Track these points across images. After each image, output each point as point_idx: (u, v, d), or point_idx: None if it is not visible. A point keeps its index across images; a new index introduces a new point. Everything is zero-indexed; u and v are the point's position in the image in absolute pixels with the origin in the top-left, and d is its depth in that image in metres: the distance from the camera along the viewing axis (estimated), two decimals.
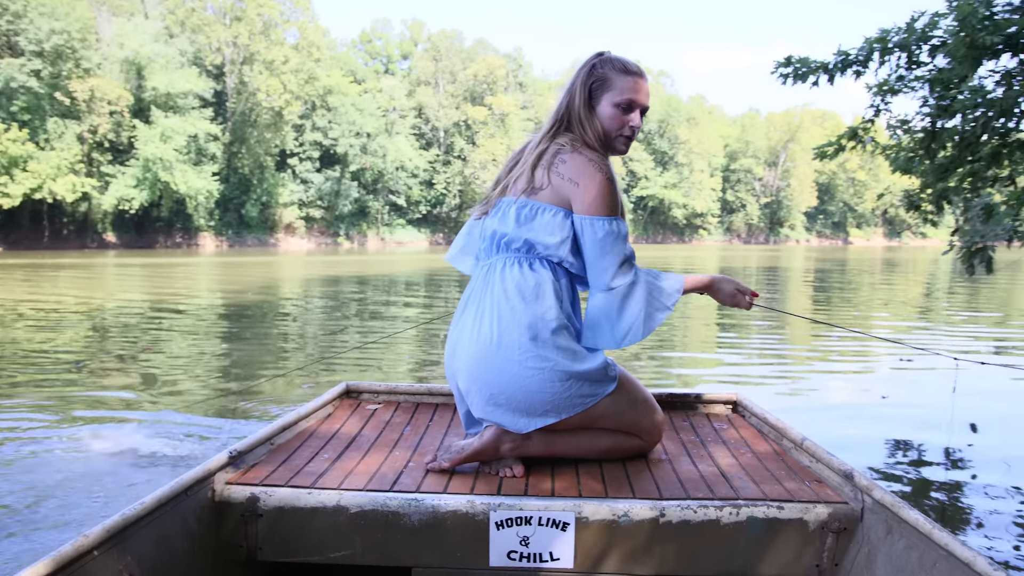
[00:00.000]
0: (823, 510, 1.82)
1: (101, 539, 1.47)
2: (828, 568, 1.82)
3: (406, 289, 15.94)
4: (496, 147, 60.38)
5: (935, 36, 5.50)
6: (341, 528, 1.81)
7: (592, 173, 2.00)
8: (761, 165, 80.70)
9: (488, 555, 1.80)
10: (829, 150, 5.99)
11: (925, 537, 1.60)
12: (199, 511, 1.79)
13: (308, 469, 2.03)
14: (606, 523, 1.79)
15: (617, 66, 2.11)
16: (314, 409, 2.57)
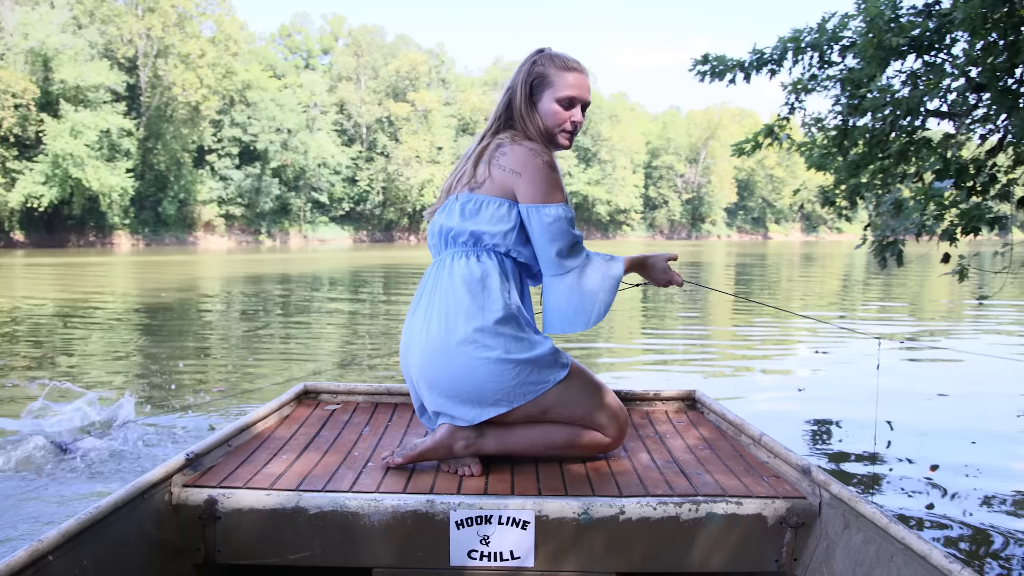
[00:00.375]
0: (781, 505, 1.84)
1: (56, 544, 1.44)
2: (787, 563, 1.84)
3: (330, 287, 15.73)
4: (419, 144, 59.99)
5: (845, 37, 5.71)
6: (300, 529, 1.80)
7: (532, 161, 2.04)
8: (682, 162, 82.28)
9: (448, 554, 1.80)
10: (747, 147, 6.15)
11: (882, 531, 1.62)
12: (156, 514, 1.77)
13: (266, 470, 2.00)
14: (566, 521, 1.80)
15: (558, 63, 2.14)
16: (272, 410, 2.54)
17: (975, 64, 4.70)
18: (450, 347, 1.98)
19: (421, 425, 2.52)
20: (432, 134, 61.91)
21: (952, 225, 4.57)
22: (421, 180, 59.62)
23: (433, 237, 2.17)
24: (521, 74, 2.15)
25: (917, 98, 4.84)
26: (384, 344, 7.66)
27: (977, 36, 4.67)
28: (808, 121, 6.10)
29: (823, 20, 5.80)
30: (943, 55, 5.32)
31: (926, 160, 5.07)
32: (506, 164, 2.05)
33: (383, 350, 7.27)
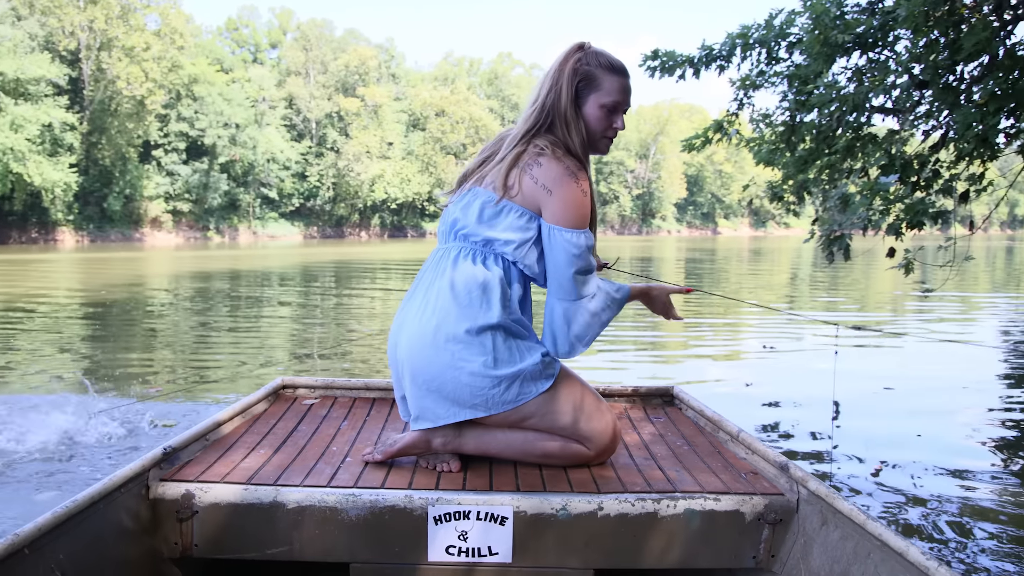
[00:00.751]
0: (759, 501, 1.84)
1: (32, 537, 1.42)
2: (765, 559, 1.85)
3: (281, 283, 15.51)
4: (370, 139, 59.51)
5: (792, 33, 5.79)
6: (278, 524, 1.79)
7: (567, 183, 1.94)
8: (632, 157, 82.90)
9: (426, 550, 1.80)
10: (696, 142, 6.21)
11: (859, 528, 1.63)
12: (133, 508, 1.75)
13: (244, 465, 1.98)
14: (544, 517, 1.80)
15: (604, 63, 2.02)
16: (249, 404, 2.51)
17: (918, 61, 4.80)
18: (438, 342, 1.94)
19: (400, 420, 2.49)
20: (382, 129, 61.45)
21: (897, 220, 4.67)
22: (372, 175, 59.16)
23: (444, 225, 2.11)
24: (566, 73, 2.00)
25: (862, 94, 4.92)
26: (337, 339, 7.57)
27: (919, 34, 4.77)
28: (756, 117, 6.17)
29: (771, 17, 5.87)
30: (887, 52, 5.43)
31: (871, 156, 5.17)
32: (539, 177, 1.95)
33: (336, 345, 7.19)
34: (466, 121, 64.92)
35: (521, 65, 78.99)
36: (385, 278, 17.42)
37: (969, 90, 4.91)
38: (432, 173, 63.52)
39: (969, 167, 4.97)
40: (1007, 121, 4.46)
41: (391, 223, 63.98)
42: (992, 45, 4.47)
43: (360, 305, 11.25)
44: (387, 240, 56.20)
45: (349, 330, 8.27)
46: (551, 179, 1.94)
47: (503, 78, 75.99)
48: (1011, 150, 4.92)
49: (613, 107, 2.03)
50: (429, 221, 66.05)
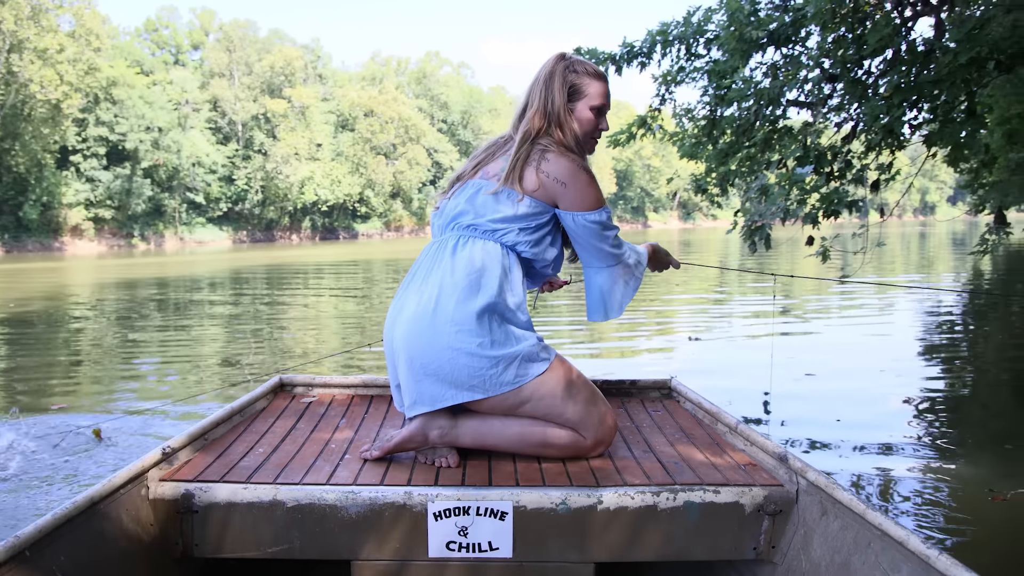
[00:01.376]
0: (759, 493, 1.85)
1: (33, 539, 1.42)
2: (765, 550, 1.85)
3: (210, 289, 15.22)
4: (298, 141, 58.56)
5: (709, 30, 5.98)
6: (278, 522, 1.79)
7: (577, 173, 2.10)
8: None
9: (427, 546, 1.80)
10: (622, 138, 6.35)
11: (859, 517, 1.63)
12: (133, 509, 1.75)
13: (243, 464, 1.98)
14: (544, 511, 1.80)
15: (589, 71, 2.21)
16: (248, 403, 2.51)
17: (827, 56, 5.02)
18: (436, 324, 1.98)
19: (398, 416, 2.51)
20: (311, 130, 60.54)
21: (814, 209, 4.87)
22: (301, 177, 58.25)
23: (441, 218, 2.19)
24: (556, 81, 2.18)
25: (777, 88, 5.12)
26: (270, 343, 7.50)
27: (827, 30, 4.99)
28: (679, 112, 6.35)
29: (688, 14, 6.04)
30: (800, 48, 5.65)
31: (788, 147, 5.37)
32: (551, 172, 2.09)
33: (268, 349, 7.12)
34: (395, 121, 64.44)
35: (449, 64, 78.75)
36: (318, 281, 17.24)
37: (876, 83, 5.15)
38: (363, 174, 62.89)
39: (879, 157, 5.21)
40: (911, 112, 4.68)
41: (322, 225, 63.12)
42: (895, 41, 4.70)
43: (295, 311, 11.12)
44: (319, 243, 55.46)
45: (279, 328, 8.18)
46: (563, 173, 2.10)
47: (431, 77, 75.64)
48: (916, 140, 5.17)
49: (599, 109, 2.21)
50: (361, 222, 65.39)
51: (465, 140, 74.34)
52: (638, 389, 2.86)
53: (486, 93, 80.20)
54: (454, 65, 79.85)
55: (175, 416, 4.55)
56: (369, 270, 20.67)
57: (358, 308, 11.21)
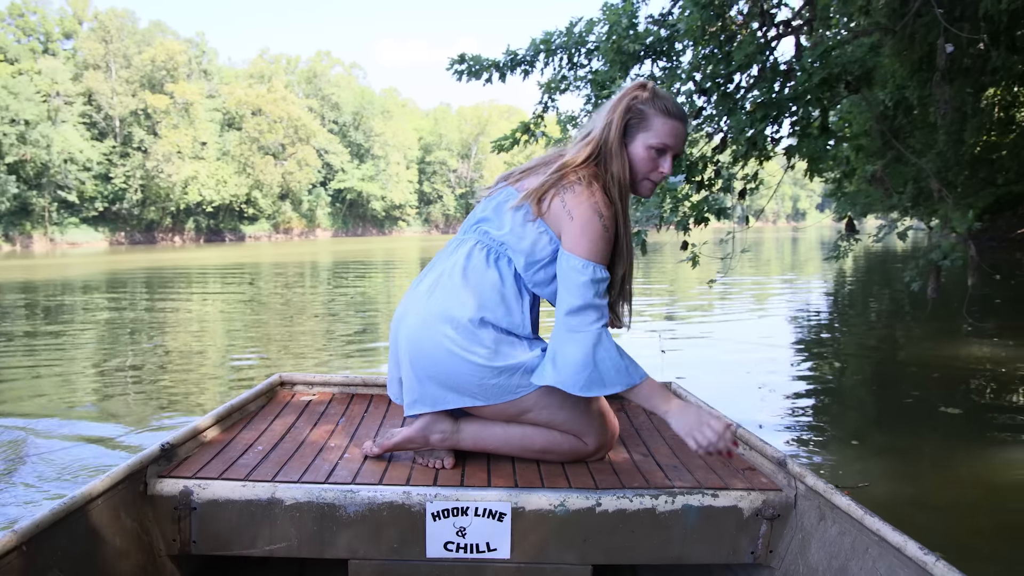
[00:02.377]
0: (757, 497, 1.85)
1: (30, 534, 1.41)
2: (763, 555, 1.85)
3: (84, 292, 14.55)
4: (181, 138, 56.54)
5: (590, 41, 6.19)
6: (276, 521, 1.79)
7: (590, 216, 1.90)
8: (455, 157, 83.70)
9: (425, 546, 1.80)
10: (506, 143, 6.49)
11: (857, 523, 1.64)
12: (131, 505, 1.73)
13: (242, 461, 1.97)
14: (542, 513, 1.80)
15: (659, 105, 1.97)
16: (247, 401, 2.47)
17: (698, 70, 5.29)
18: (442, 329, 1.94)
19: (397, 416, 2.51)
20: (195, 128, 58.55)
21: (685, 216, 5.13)
22: (184, 177, 56.28)
23: (471, 218, 2.11)
24: (620, 107, 1.97)
25: None
26: (148, 353, 7.27)
27: (699, 45, 5.26)
28: (563, 119, 6.53)
29: (571, 24, 6.23)
30: (676, 61, 5.93)
31: None
32: (568, 202, 1.93)
33: (150, 358, 6.91)
34: (285, 120, 63.13)
35: (340, 64, 77.64)
36: (202, 285, 16.74)
37: (744, 98, 5.47)
38: (250, 174, 61.30)
39: (745, 167, 5.54)
40: (773, 127, 5.00)
41: (207, 227, 61.15)
42: (759, 58, 5.01)
43: (175, 318, 10.80)
44: (204, 245, 53.69)
45: (160, 347, 7.96)
46: (576, 206, 1.92)
47: (322, 77, 74.43)
48: (779, 151, 5.52)
49: (661, 149, 1.97)
50: (248, 224, 63.70)
51: (356, 142, 73.49)
52: None
53: (379, 95, 79.52)
54: (346, 65, 78.86)
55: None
56: (258, 274, 20.18)
57: (246, 315, 10.97)
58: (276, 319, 9.75)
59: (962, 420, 4.44)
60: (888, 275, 16.32)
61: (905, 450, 3.95)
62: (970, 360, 6.15)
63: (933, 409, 4.70)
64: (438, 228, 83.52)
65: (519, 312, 2.00)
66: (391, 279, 17.73)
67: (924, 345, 7.21)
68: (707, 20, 4.94)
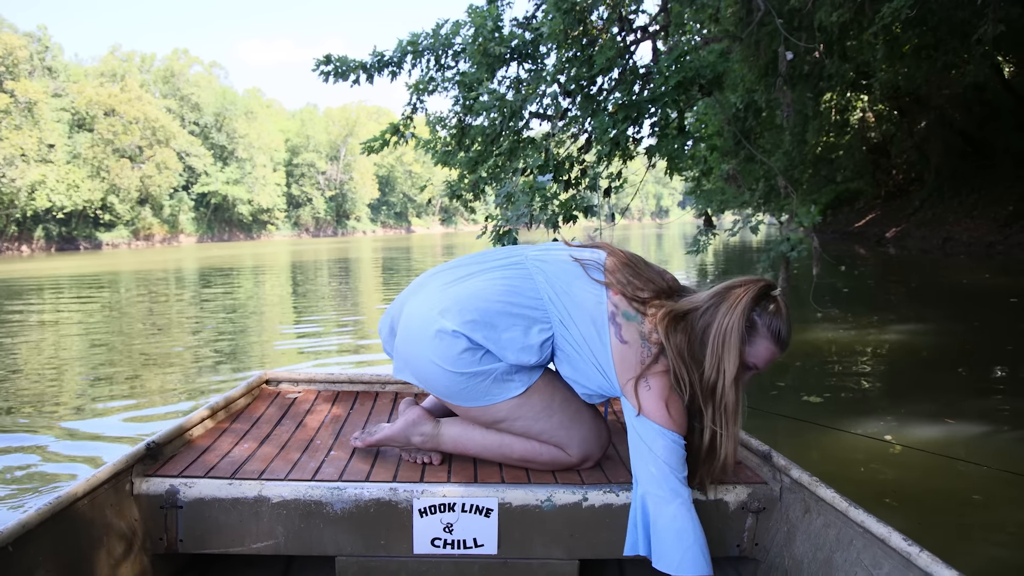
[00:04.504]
0: (742, 491, 1.86)
1: (16, 535, 1.40)
2: (749, 548, 1.86)
3: None
4: (25, 140, 52.93)
5: (457, 43, 6.32)
6: (263, 518, 1.79)
7: (672, 397, 1.77)
8: (323, 159, 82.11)
9: (412, 542, 1.80)
10: (375, 144, 6.53)
11: (842, 515, 1.66)
12: (117, 504, 1.72)
13: (228, 459, 1.96)
14: (529, 508, 1.81)
15: (774, 328, 1.79)
16: (232, 399, 2.44)
17: (562, 73, 5.51)
18: (431, 329, 1.89)
19: (383, 413, 2.52)
20: (40, 129, 54.95)
21: (554, 214, 5.33)
22: (31, 181, 52.71)
23: (546, 251, 2.00)
24: (743, 306, 1.77)
25: (519, 101, 5.54)
26: (24, 380, 6.87)
27: (562, 48, 5.48)
28: (432, 120, 6.63)
29: (437, 26, 6.34)
30: (541, 64, 6.13)
31: (530, 157, 5.83)
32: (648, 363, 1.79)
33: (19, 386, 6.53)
34: (141, 121, 60.11)
35: (200, 63, 74.65)
36: (55, 298, 15.81)
37: (606, 100, 5.73)
38: (105, 179, 58.05)
39: (610, 166, 5.80)
40: (633, 128, 5.27)
41: (58, 234, 57.50)
42: (618, 62, 5.27)
43: (23, 334, 10.20)
44: (55, 254, 50.51)
45: (12, 370, 7.54)
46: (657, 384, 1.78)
47: (180, 76, 71.31)
48: (640, 151, 5.81)
49: (751, 368, 1.82)
50: (105, 231, 60.32)
51: (220, 144, 70.92)
52: None
53: (241, 95, 76.98)
54: (205, 64, 75.82)
55: None
56: (116, 286, 19.23)
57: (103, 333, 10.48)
58: (140, 331, 9.38)
59: (822, 407, 4.79)
60: (745, 267, 17.27)
61: (771, 434, 4.26)
62: (822, 344, 6.64)
63: (796, 395, 5.05)
64: (308, 231, 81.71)
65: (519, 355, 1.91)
66: (262, 285, 17.29)
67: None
68: (569, 25, 5.16)
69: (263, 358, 6.85)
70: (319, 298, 12.86)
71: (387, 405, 2.65)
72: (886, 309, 9.38)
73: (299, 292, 14.39)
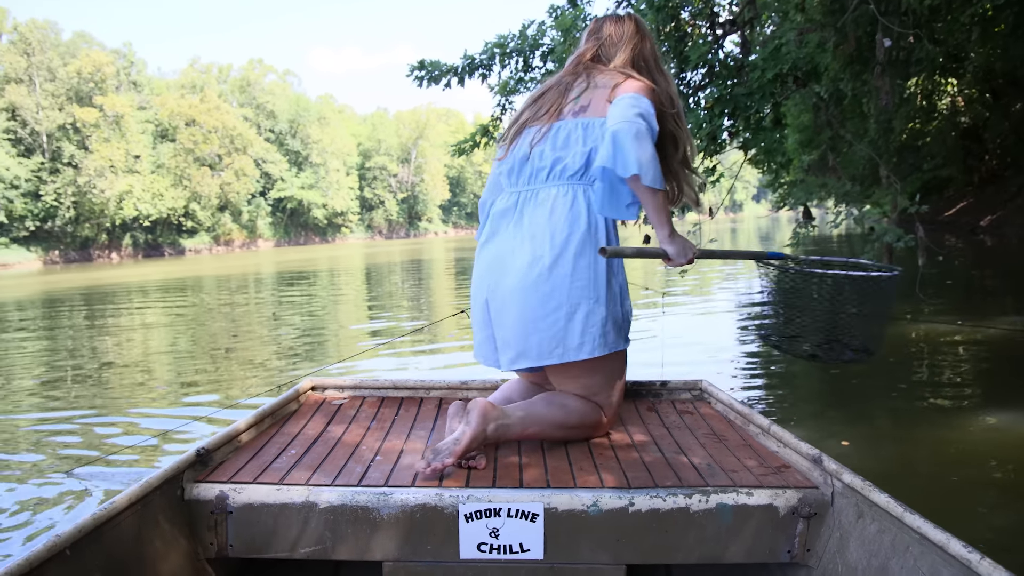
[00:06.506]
0: (793, 495, 1.82)
1: (73, 539, 1.46)
2: (800, 554, 1.82)
3: (19, 317, 14.17)
4: (114, 152, 55.13)
5: (544, 44, 6.33)
6: (311, 524, 1.81)
7: (633, 81, 2.08)
8: (395, 162, 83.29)
9: (458, 547, 1.81)
10: (466, 146, 6.60)
11: (897, 520, 1.61)
12: (168, 510, 1.78)
13: (276, 465, 2.01)
14: (575, 513, 1.80)
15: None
16: (280, 405, 2.52)
17: None
18: (555, 278, 2.05)
19: (427, 419, 2.54)
20: (127, 141, 57.20)
21: None
22: (119, 191, 54.93)
23: (526, 166, 2.16)
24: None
25: None
26: (96, 370, 7.17)
27: None
28: None
29: (523, 28, 6.37)
30: None
31: None
32: (606, 81, 2.11)
33: (95, 379, 6.82)
34: (220, 130, 62.05)
35: (274, 72, 76.62)
36: (143, 302, 16.42)
37: (696, 94, 5.66)
38: (187, 187, 60.10)
39: (704, 161, 5.72)
40: (728, 121, 5.20)
41: (145, 242, 59.78)
42: (708, 58, 5.21)
43: (118, 336, 10.61)
44: (142, 260, 52.46)
45: (104, 363, 7.85)
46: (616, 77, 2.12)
47: (256, 85, 73.31)
48: (734, 145, 5.72)
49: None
50: (188, 237, 62.44)
51: (294, 150, 72.61)
52: (668, 390, 2.85)
53: (314, 101, 78.69)
54: (279, 73, 77.81)
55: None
56: (201, 289, 19.87)
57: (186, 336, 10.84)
58: (226, 331, 9.67)
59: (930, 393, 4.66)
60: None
61: (888, 421, 4.15)
62: (932, 336, 6.41)
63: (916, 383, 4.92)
64: (381, 234, 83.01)
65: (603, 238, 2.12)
66: (338, 288, 17.63)
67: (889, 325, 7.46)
68: (662, 21, 5.11)
69: (339, 358, 6.98)
70: (392, 299, 13.04)
71: (431, 411, 2.66)
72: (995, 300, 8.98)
73: (373, 295, 14.61)
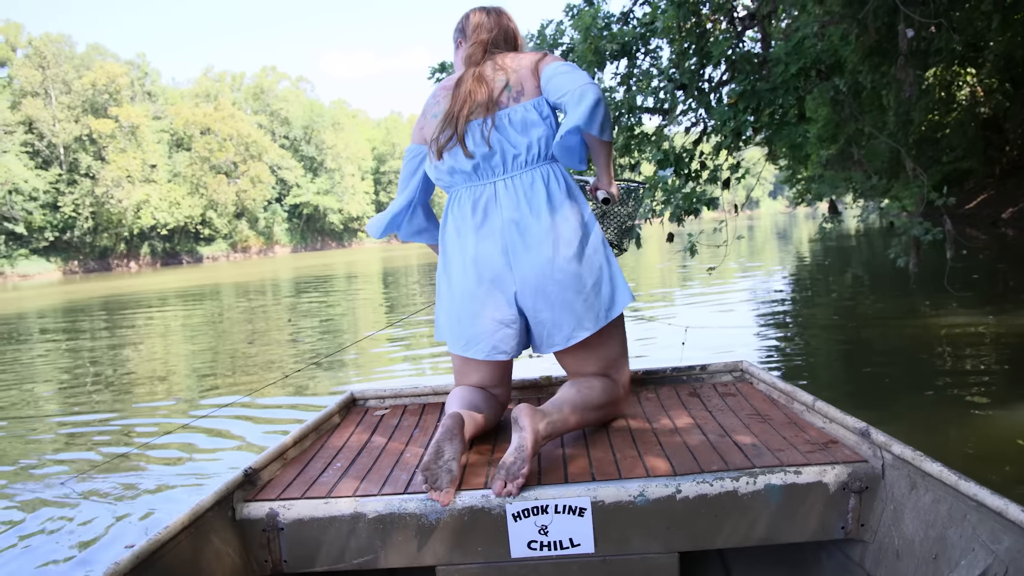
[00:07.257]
0: (842, 471, 1.80)
1: (132, 565, 1.49)
2: (854, 529, 1.80)
3: (40, 328, 14.30)
4: (130, 162, 55.61)
5: (563, 43, 6.32)
6: (361, 534, 1.83)
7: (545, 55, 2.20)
8: None
9: (509, 547, 1.81)
10: None
11: (952, 489, 1.57)
12: (221, 531, 1.80)
13: (323, 479, 2.02)
14: (623, 504, 1.79)
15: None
16: (323, 420, 2.55)
17: (676, 67, 5.45)
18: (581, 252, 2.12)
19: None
20: (143, 151, 57.69)
21: (677, 208, 5.27)
22: (136, 201, 55.40)
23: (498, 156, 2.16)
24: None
25: (633, 98, 5.51)
26: (118, 377, 7.23)
27: (675, 43, 5.42)
28: None
29: (542, 27, 6.35)
30: (649, 59, 6.08)
31: (644, 152, 5.78)
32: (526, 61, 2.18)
33: (117, 385, 6.88)
34: (235, 138, 62.47)
35: (287, 78, 77.01)
36: (161, 309, 16.54)
37: (718, 91, 5.64)
38: (203, 195, 60.55)
39: (729, 157, 5.71)
40: (751, 117, 5.17)
41: (163, 250, 60.30)
42: (732, 53, 5.19)
43: (136, 345, 10.69)
44: (160, 269, 52.86)
45: (126, 372, 7.92)
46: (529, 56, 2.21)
47: (269, 92, 73.75)
48: (758, 140, 5.70)
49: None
50: (205, 245, 62.87)
51: (309, 156, 72.93)
52: (709, 374, 2.85)
53: (328, 107, 79.02)
54: (292, 79, 78.21)
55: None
56: (219, 296, 19.98)
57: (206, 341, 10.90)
58: (246, 337, 9.72)
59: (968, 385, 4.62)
60: (846, 256, 16.75)
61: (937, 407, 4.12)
62: (960, 329, 6.35)
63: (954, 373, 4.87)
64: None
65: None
66: (355, 293, 17.69)
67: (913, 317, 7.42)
68: (683, 17, 5.10)
69: (357, 364, 7.00)
70: (410, 303, 13.07)
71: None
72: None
73: (390, 297, 14.65)
